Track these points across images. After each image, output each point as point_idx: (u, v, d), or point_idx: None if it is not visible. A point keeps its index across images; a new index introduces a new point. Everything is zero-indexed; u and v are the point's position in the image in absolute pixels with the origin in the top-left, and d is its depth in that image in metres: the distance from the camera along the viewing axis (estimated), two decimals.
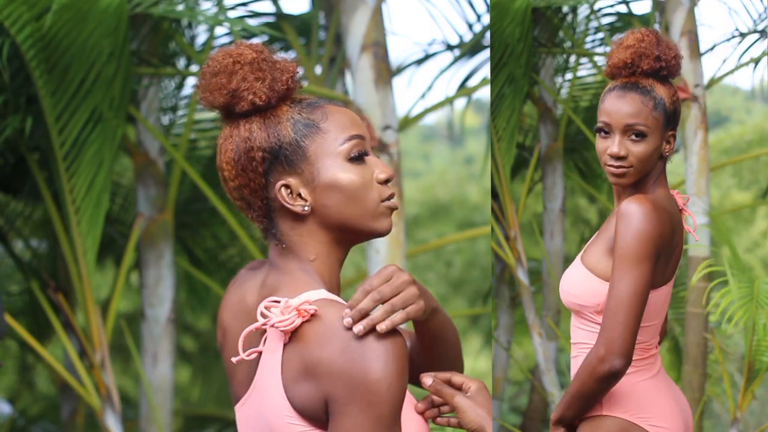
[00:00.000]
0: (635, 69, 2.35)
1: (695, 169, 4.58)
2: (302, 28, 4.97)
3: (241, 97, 1.71)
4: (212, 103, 1.73)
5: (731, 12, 5.07)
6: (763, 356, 4.06)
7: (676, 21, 4.62)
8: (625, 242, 2.22)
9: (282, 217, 1.74)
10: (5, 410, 5.99)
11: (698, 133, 4.58)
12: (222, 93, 1.72)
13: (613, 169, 2.32)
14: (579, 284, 2.35)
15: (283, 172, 1.72)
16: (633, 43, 2.36)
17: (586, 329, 2.36)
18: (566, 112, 5.22)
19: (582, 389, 2.27)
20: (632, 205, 2.24)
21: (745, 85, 6.04)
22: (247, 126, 1.73)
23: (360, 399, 1.56)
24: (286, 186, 1.72)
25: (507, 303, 5.46)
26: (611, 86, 2.38)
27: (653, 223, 2.23)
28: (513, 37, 4.53)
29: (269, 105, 1.73)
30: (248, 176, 1.72)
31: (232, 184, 1.74)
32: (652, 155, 2.32)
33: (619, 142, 2.32)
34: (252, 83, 1.72)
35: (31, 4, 3.75)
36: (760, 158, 5.79)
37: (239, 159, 1.72)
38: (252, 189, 1.73)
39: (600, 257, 2.33)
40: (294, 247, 1.74)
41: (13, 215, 5.24)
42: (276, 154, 1.72)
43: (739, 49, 5.10)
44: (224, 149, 1.74)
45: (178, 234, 5.12)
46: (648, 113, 2.31)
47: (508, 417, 6.16)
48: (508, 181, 4.74)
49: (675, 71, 2.38)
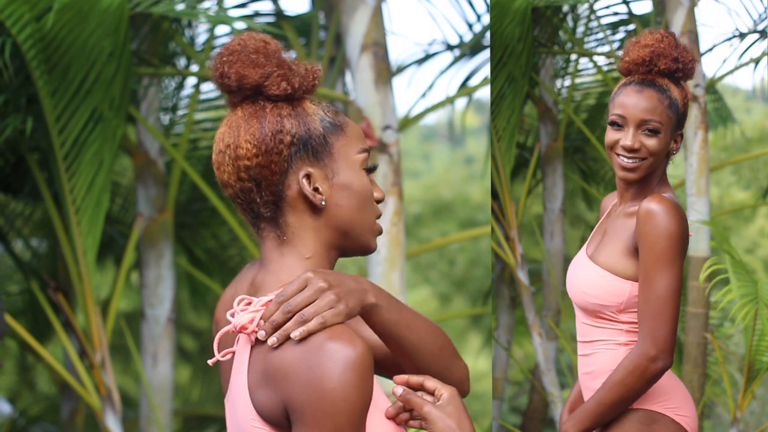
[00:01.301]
0: (652, 67, 2.40)
1: (695, 169, 4.58)
2: (302, 28, 4.98)
3: (276, 81, 1.69)
4: (242, 79, 1.69)
5: (731, 12, 5.08)
6: (763, 356, 4.06)
7: (676, 21, 4.62)
8: (656, 242, 2.26)
9: (292, 207, 1.71)
10: (5, 410, 5.99)
11: (698, 133, 4.58)
12: (258, 71, 1.69)
13: (626, 161, 2.37)
14: (599, 285, 2.37)
15: (307, 162, 1.70)
16: (652, 42, 2.40)
17: (606, 327, 2.39)
18: (566, 112, 5.22)
19: (627, 393, 2.31)
20: (655, 205, 2.28)
21: (745, 84, 6.04)
22: (276, 111, 1.71)
23: (316, 408, 1.52)
24: (308, 176, 1.70)
25: (507, 303, 5.46)
26: (627, 81, 2.42)
27: (679, 221, 2.28)
28: (513, 37, 4.53)
29: (296, 96, 1.72)
30: (271, 158, 1.69)
31: (246, 163, 1.69)
32: (663, 151, 2.37)
33: (633, 135, 2.36)
34: (287, 70, 1.71)
35: (33, 4, 3.75)
36: (759, 157, 5.80)
37: (264, 139, 1.68)
38: (270, 171, 1.69)
39: (618, 257, 2.36)
40: (295, 240, 1.71)
41: (13, 215, 5.25)
42: (305, 142, 1.70)
43: (739, 50, 5.11)
44: (246, 127, 1.70)
45: (178, 234, 5.13)
46: (663, 111, 2.36)
47: (508, 417, 6.17)
48: (508, 181, 4.74)
49: (690, 74, 2.43)
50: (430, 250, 8.42)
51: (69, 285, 4.73)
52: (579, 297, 2.42)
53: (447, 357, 1.79)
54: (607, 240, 2.42)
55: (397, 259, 4.14)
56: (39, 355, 4.41)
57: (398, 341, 1.71)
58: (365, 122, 4.19)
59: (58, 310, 4.58)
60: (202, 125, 5.18)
